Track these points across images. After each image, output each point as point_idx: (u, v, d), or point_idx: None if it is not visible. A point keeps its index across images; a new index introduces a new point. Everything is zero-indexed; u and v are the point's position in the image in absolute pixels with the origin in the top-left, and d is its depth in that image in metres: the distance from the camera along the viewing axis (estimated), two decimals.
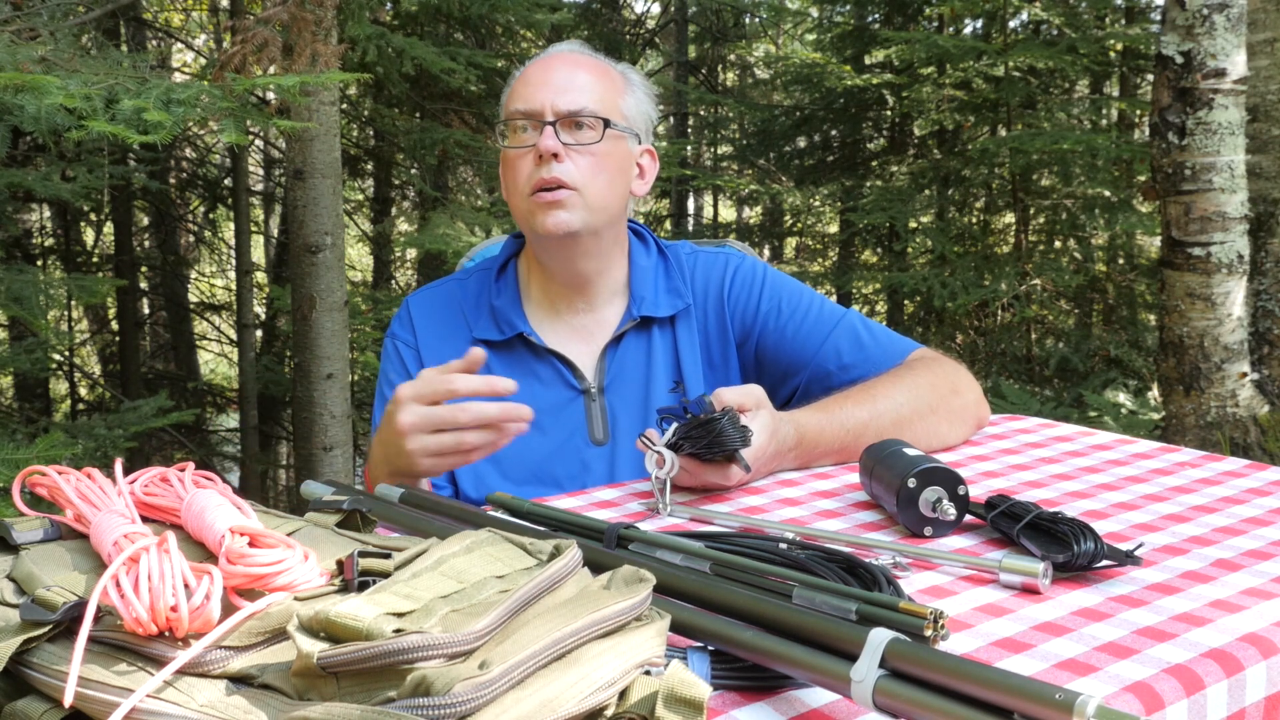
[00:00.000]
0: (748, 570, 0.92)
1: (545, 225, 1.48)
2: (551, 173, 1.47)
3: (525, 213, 1.51)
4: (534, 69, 1.55)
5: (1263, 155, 4.11)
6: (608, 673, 0.63)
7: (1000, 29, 6.57)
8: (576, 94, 1.50)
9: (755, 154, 8.34)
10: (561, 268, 1.56)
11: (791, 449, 1.34)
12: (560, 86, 1.50)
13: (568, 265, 1.56)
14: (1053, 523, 1.04)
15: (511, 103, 1.53)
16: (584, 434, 1.55)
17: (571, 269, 1.56)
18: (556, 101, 1.49)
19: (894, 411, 1.41)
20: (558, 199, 1.48)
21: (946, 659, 0.69)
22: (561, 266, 1.56)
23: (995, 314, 6.87)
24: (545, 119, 1.48)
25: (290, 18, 2.63)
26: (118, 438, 3.46)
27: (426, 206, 6.11)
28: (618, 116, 1.54)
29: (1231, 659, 0.83)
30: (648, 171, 1.61)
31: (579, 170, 1.49)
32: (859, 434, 1.37)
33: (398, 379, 1.58)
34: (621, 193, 1.56)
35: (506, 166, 1.54)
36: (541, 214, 1.48)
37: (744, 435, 1.23)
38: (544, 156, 1.47)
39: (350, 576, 0.68)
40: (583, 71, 1.53)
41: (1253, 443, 3.82)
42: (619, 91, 1.56)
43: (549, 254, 1.56)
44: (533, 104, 1.50)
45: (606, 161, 1.52)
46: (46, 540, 0.80)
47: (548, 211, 1.48)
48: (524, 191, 1.50)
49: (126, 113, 1.99)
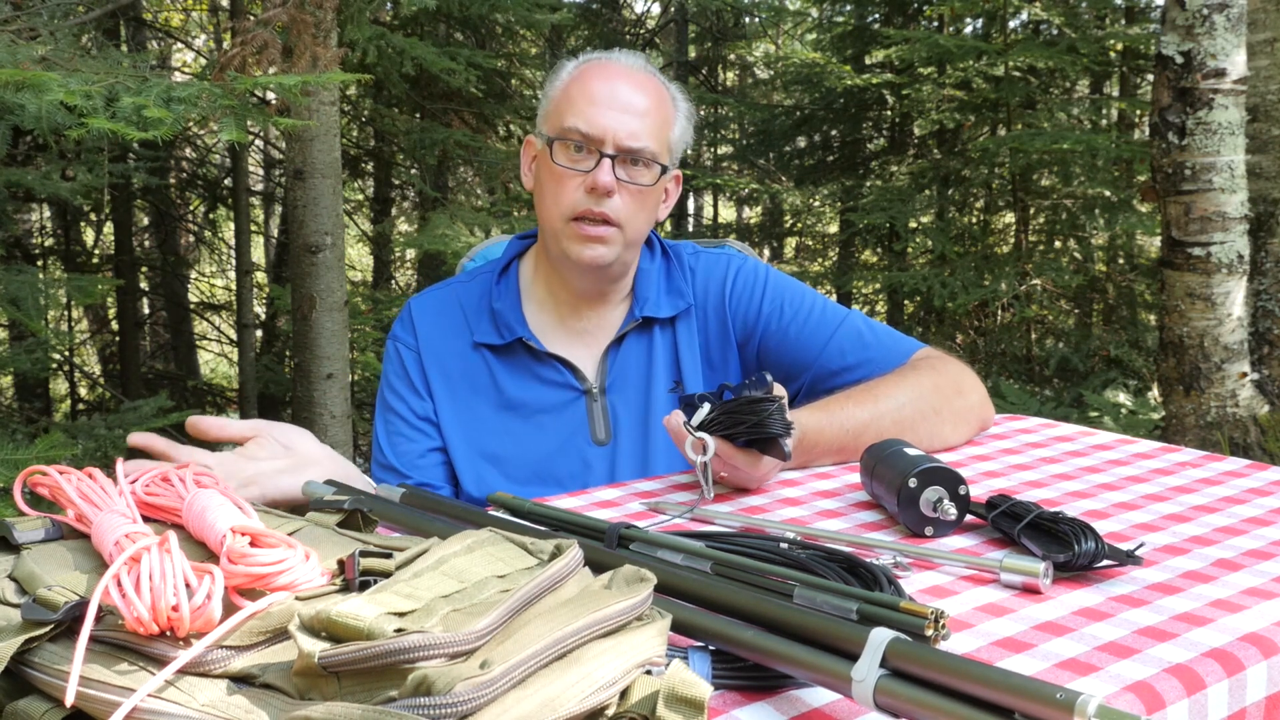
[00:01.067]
0: (749, 570, 0.92)
1: (582, 256, 1.48)
2: (602, 207, 1.46)
3: (560, 234, 1.50)
4: (597, 82, 1.50)
5: (1263, 155, 4.11)
6: (609, 672, 0.63)
7: (1000, 29, 6.57)
8: (639, 129, 1.47)
9: (755, 154, 8.34)
10: (581, 286, 1.57)
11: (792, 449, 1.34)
12: (623, 114, 1.47)
13: (588, 285, 1.57)
14: (1053, 522, 1.04)
15: (569, 115, 1.49)
16: (586, 434, 1.55)
17: (590, 288, 1.58)
18: (619, 134, 1.46)
19: (895, 412, 1.41)
20: (600, 235, 1.48)
21: (947, 659, 0.69)
22: (581, 285, 1.57)
23: (995, 314, 6.87)
24: (605, 150, 1.46)
25: (290, 19, 2.62)
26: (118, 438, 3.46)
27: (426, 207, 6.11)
28: (666, 154, 1.53)
29: (1232, 659, 0.83)
30: (671, 195, 1.61)
31: (625, 208, 1.48)
32: (859, 434, 1.37)
33: (399, 382, 1.59)
34: (652, 223, 1.57)
35: (550, 178, 1.51)
36: (579, 245, 1.48)
37: (788, 426, 1.20)
38: (597, 190, 1.46)
39: (351, 576, 0.68)
40: (646, 98, 1.50)
41: (1253, 443, 3.82)
42: (670, 122, 1.54)
43: (573, 276, 1.56)
44: (594, 129, 1.47)
45: (649, 199, 1.52)
46: (48, 540, 0.80)
47: (586, 244, 1.48)
48: (565, 214, 1.48)
49: (127, 110, 1.99)
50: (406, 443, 1.56)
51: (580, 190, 1.47)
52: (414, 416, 1.57)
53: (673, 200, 1.62)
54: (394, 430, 1.57)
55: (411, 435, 1.56)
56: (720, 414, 1.21)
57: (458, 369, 1.58)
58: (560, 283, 1.58)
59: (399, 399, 1.58)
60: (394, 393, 1.59)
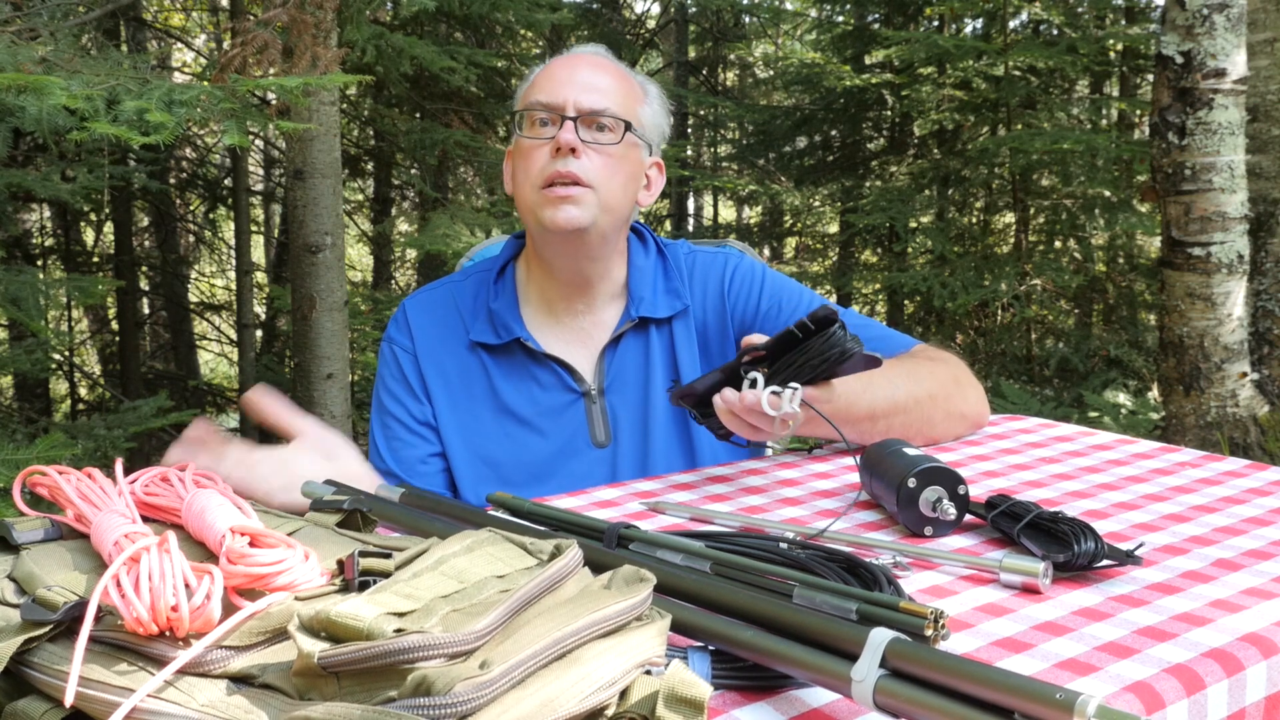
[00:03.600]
0: (748, 570, 0.92)
1: (555, 220, 1.46)
2: (568, 167, 1.46)
3: (534, 205, 1.49)
4: (558, 65, 1.54)
5: (1263, 155, 4.11)
6: (608, 672, 0.63)
7: (1000, 29, 6.57)
8: (600, 94, 1.49)
9: (755, 154, 8.33)
10: (563, 266, 1.55)
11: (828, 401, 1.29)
12: (584, 85, 1.49)
13: (570, 264, 1.54)
14: (1053, 522, 1.04)
15: (531, 94, 1.52)
16: (585, 436, 1.55)
17: (573, 268, 1.55)
18: (580, 98, 1.48)
19: (916, 393, 1.42)
20: (570, 194, 1.46)
21: (947, 659, 0.69)
22: (564, 265, 1.55)
23: (995, 314, 6.87)
24: (567, 114, 1.47)
25: (290, 20, 2.62)
26: (118, 438, 3.46)
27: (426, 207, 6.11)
28: (636, 123, 1.53)
29: (1232, 659, 0.83)
30: (654, 183, 1.61)
31: (595, 168, 1.48)
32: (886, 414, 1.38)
33: (397, 385, 1.58)
34: (631, 199, 1.55)
35: (520, 156, 1.52)
36: (551, 208, 1.46)
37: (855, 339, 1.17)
38: (561, 150, 1.46)
39: (351, 576, 0.68)
40: (606, 75, 1.53)
41: (1253, 443, 3.82)
42: (638, 100, 1.56)
43: (553, 250, 1.54)
44: (555, 97, 1.49)
45: (622, 164, 1.51)
46: (47, 540, 0.80)
47: (558, 206, 1.46)
48: (535, 183, 1.48)
49: (129, 114, 1.99)
50: (406, 448, 1.56)
51: (546, 157, 1.47)
52: (413, 421, 1.56)
53: (656, 188, 1.61)
54: (392, 435, 1.57)
55: (411, 440, 1.56)
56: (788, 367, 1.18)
57: (454, 370, 1.57)
58: (549, 275, 1.57)
59: (397, 403, 1.57)
60: (392, 396, 1.58)
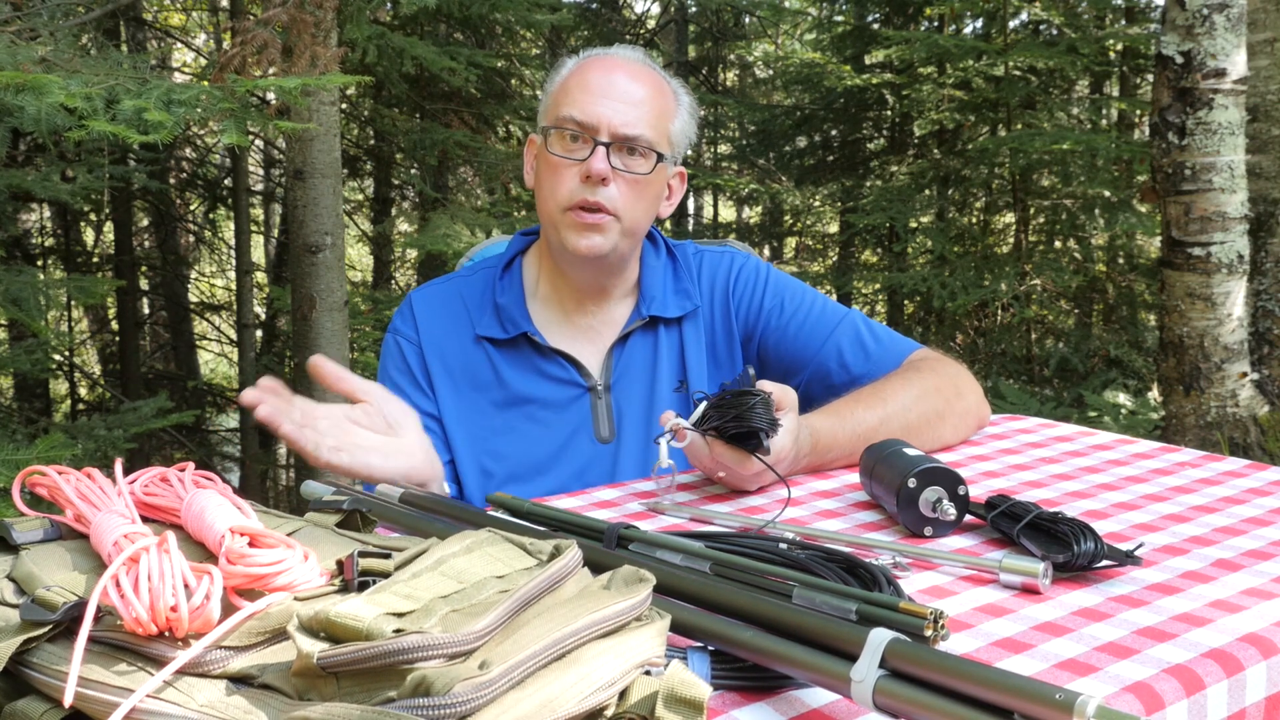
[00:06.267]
0: (748, 570, 0.92)
1: (578, 246, 1.47)
2: (596, 196, 1.46)
3: (557, 223, 1.49)
4: (594, 71, 1.51)
5: (1263, 155, 4.11)
6: (608, 673, 0.63)
7: (1000, 29, 6.57)
8: (635, 118, 1.47)
9: (755, 154, 8.34)
10: (579, 277, 1.57)
11: (807, 454, 1.34)
12: (619, 103, 1.47)
13: (587, 276, 1.56)
14: (1053, 523, 1.04)
15: (564, 105, 1.49)
16: (589, 431, 1.55)
17: (589, 279, 1.57)
18: (614, 122, 1.46)
19: (903, 414, 1.41)
20: (597, 223, 1.47)
21: (946, 659, 0.69)
22: (580, 276, 1.56)
23: (995, 314, 6.87)
24: (600, 138, 1.46)
25: (290, 19, 2.62)
26: (118, 438, 3.46)
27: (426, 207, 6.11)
28: (666, 145, 1.52)
29: (1231, 659, 0.83)
30: (675, 192, 1.61)
31: (622, 197, 1.47)
32: (869, 438, 1.37)
33: (398, 375, 1.58)
34: (652, 216, 1.56)
35: (547, 169, 1.51)
36: (576, 234, 1.47)
37: (773, 422, 1.20)
38: (592, 179, 1.45)
39: (350, 576, 0.68)
40: (643, 88, 1.50)
41: (1253, 443, 3.82)
42: (670, 114, 1.54)
43: (572, 268, 1.55)
44: (589, 117, 1.46)
45: (648, 190, 1.51)
46: (46, 540, 0.80)
47: (582, 233, 1.47)
48: (561, 204, 1.48)
49: (127, 113, 1.99)
50: None
51: (576, 179, 1.47)
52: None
53: (676, 198, 1.61)
54: None
55: None
56: (710, 409, 1.21)
57: (459, 363, 1.57)
58: (562, 278, 1.58)
59: (399, 393, 1.57)
60: (395, 387, 1.57)
